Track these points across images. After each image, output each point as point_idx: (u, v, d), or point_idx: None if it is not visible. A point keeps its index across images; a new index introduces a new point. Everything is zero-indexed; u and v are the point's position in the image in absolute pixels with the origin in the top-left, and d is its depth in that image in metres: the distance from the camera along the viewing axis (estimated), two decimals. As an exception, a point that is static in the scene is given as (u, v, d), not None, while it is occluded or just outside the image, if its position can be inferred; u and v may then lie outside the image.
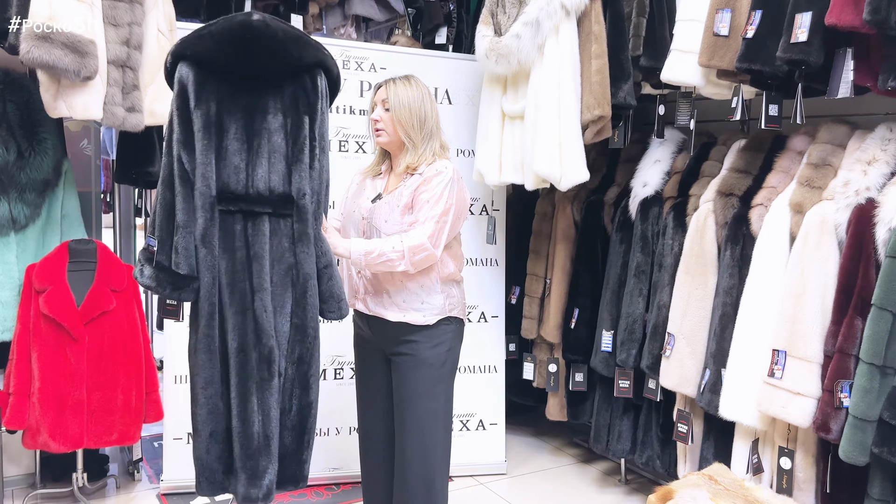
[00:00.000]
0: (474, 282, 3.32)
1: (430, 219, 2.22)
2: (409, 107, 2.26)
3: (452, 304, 2.36)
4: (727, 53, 2.55)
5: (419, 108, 2.27)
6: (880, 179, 2.29)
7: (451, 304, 2.36)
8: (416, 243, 2.19)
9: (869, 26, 2.11)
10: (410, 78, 2.34)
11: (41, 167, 2.82)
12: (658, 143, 3.11)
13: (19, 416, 2.73)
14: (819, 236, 2.33)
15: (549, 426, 3.87)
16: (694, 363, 2.70)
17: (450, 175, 2.26)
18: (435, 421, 2.33)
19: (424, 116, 2.28)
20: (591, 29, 2.81)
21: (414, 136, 2.27)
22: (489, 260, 3.44)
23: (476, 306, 3.40)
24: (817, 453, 2.39)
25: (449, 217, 2.25)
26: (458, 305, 2.40)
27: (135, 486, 3.20)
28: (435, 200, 2.23)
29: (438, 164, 2.28)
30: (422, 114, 2.27)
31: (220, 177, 2.05)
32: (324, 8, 3.58)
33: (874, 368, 2.15)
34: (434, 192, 2.24)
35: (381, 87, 2.33)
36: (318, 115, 2.13)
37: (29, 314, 2.77)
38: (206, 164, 2.01)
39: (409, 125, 2.26)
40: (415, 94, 2.28)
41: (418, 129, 2.27)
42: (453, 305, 2.37)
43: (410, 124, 2.26)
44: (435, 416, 2.33)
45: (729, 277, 2.63)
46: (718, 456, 2.68)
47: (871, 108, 2.62)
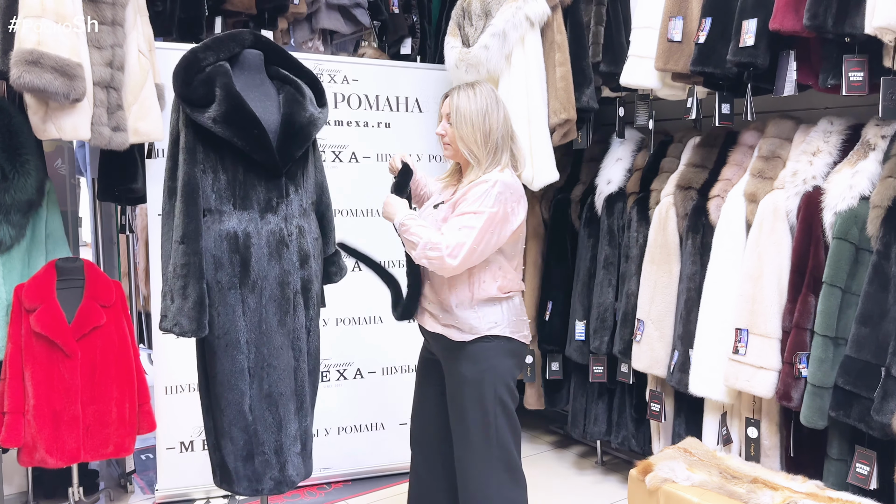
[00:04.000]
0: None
1: (454, 226, 2.08)
2: (472, 121, 2.11)
3: (494, 322, 2.19)
4: (681, 58, 2.76)
5: (482, 123, 2.11)
6: (825, 168, 2.51)
7: (492, 322, 2.19)
8: (435, 241, 2.06)
9: (808, 30, 2.33)
10: (476, 86, 2.17)
11: (25, 188, 2.85)
12: (619, 143, 3.31)
13: (15, 433, 2.76)
14: (773, 222, 2.54)
15: (526, 416, 4.01)
16: (663, 346, 2.90)
17: (492, 184, 2.08)
18: (481, 442, 2.20)
19: (489, 131, 2.12)
20: (554, 38, 2.99)
21: (478, 152, 2.12)
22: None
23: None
24: (781, 421, 2.60)
25: (476, 226, 2.05)
26: (504, 323, 2.20)
27: (128, 498, 3.25)
28: (467, 207, 2.08)
29: (490, 174, 2.11)
30: (486, 128, 2.11)
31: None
32: (292, 23, 3.68)
33: (828, 340, 2.37)
34: (469, 198, 2.09)
35: (447, 96, 2.20)
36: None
37: (20, 333, 2.80)
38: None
39: (471, 141, 2.12)
40: (478, 106, 2.12)
41: (482, 144, 2.12)
42: (495, 323, 2.19)
43: (473, 140, 2.12)
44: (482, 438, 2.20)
45: (691, 264, 2.83)
46: (690, 431, 2.88)
47: (813, 104, 2.84)
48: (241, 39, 2.27)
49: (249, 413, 2.22)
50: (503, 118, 2.16)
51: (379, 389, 3.39)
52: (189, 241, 2.13)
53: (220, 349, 2.20)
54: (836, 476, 2.40)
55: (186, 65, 2.15)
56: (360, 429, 3.38)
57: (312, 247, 2.33)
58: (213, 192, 2.18)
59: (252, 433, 2.22)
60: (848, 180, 2.39)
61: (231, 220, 2.19)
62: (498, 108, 2.16)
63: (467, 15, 3.13)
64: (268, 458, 2.24)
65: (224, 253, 2.17)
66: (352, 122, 3.32)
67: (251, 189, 2.20)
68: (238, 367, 2.20)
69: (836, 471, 2.41)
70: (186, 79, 2.14)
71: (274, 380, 2.23)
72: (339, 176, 3.26)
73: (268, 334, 2.22)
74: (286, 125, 2.22)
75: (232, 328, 2.19)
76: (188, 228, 2.13)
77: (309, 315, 2.32)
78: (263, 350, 2.21)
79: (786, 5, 2.38)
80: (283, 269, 2.23)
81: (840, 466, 2.40)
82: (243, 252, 2.18)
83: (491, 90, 2.18)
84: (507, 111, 2.20)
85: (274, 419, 2.24)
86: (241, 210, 2.20)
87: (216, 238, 2.18)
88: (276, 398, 2.23)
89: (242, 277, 2.19)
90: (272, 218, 2.22)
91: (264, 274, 2.20)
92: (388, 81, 3.37)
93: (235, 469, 2.24)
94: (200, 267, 2.14)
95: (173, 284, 2.15)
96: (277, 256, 2.21)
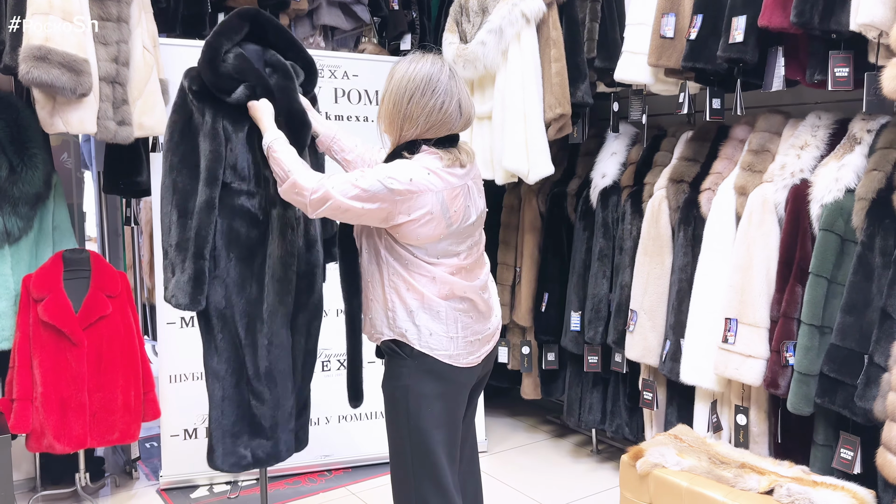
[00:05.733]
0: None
1: (346, 178, 1.82)
2: (394, 98, 1.88)
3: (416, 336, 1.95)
4: (673, 54, 2.82)
5: (405, 104, 1.85)
6: (812, 162, 2.57)
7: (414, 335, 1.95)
8: (304, 181, 1.88)
9: (796, 27, 2.39)
10: (423, 60, 1.87)
11: (33, 181, 2.93)
12: (614, 137, 3.37)
13: (24, 420, 2.84)
14: (762, 215, 2.60)
15: (524, 406, 4.11)
16: (655, 336, 2.96)
17: (407, 178, 1.80)
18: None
19: (407, 116, 1.86)
20: (550, 34, 3.05)
21: (390, 134, 1.94)
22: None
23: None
24: (769, 409, 2.67)
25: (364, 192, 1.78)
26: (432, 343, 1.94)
27: (133, 484, 3.33)
28: (376, 171, 1.82)
29: (416, 161, 1.86)
30: (406, 112, 1.86)
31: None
32: (293, 19, 3.75)
33: (814, 329, 2.43)
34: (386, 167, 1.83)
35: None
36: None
37: (28, 322, 2.88)
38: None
39: (385, 119, 1.92)
40: (409, 83, 1.84)
41: (395, 127, 1.90)
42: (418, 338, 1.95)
43: (389, 120, 1.90)
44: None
45: (683, 256, 2.89)
46: (681, 418, 2.94)
47: (801, 99, 2.91)
48: (247, 16, 2.28)
49: (247, 387, 2.28)
50: (430, 106, 1.79)
51: (378, 379, 3.43)
52: (197, 217, 2.17)
53: (222, 323, 2.26)
54: (821, 461, 2.46)
55: (211, 56, 2.18)
56: (360, 417, 3.45)
57: (316, 232, 2.41)
58: (233, 169, 2.22)
59: (246, 407, 2.28)
60: (834, 173, 2.44)
61: (248, 198, 2.24)
62: (431, 94, 1.79)
63: (465, 11, 3.19)
64: (261, 431, 2.30)
65: (236, 229, 2.23)
66: (352, 116, 3.39)
67: (268, 170, 2.24)
68: (237, 343, 2.27)
69: (822, 456, 2.47)
70: (213, 67, 2.17)
71: (274, 357, 2.30)
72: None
73: (270, 312, 2.28)
74: (287, 115, 2.25)
75: (234, 303, 2.25)
76: (199, 205, 2.17)
77: (312, 298, 2.40)
78: (264, 328, 2.28)
79: (774, 2, 2.44)
80: (287, 251, 2.28)
81: (826, 452, 2.46)
82: (253, 230, 2.24)
83: (436, 70, 1.81)
84: (449, 100, 1.80)
85: (272, 395, 2.30)
86: (259, 188, 2.25)
87: (230, 213, 2.22)
88: (276, 375, 2.30)
89: (249, 255, 2.25)
90: (280, 200, 2.25)
91: (269, 252, 2.26)
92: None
93: (223, 442, 2.29)
94: (202, 245, 2.18)
95: (174, 258, 2.21)
96: (283, 238, 2.27)
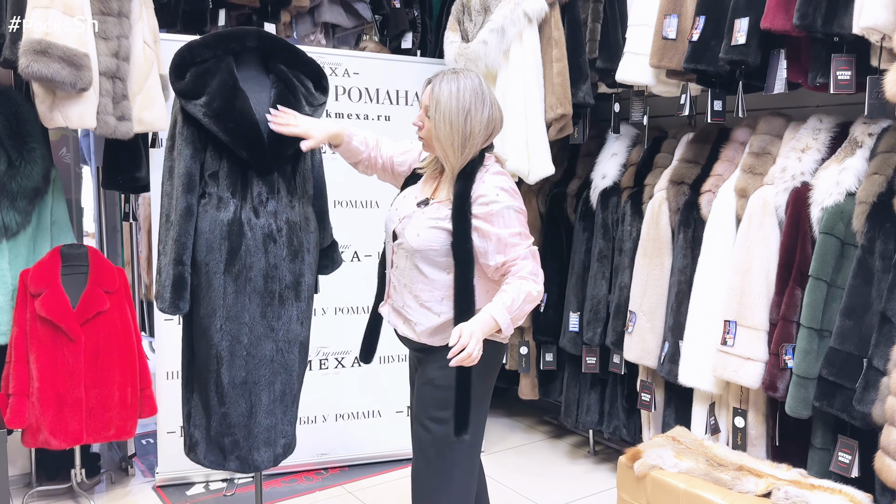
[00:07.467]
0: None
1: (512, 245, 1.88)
2: (451, 121, 1.87)
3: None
4: (675, 55, 2.82)
5: (462, 124, 1.87)
6: (813, 165, 2.57)
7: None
8: (526, 288, 1.87)
9: (798, 30, 2.39)
10: (461, 77, 1.90)
11: (31, 176, 2.92)
12: (614, 138, 3.37)
13: (20, 415, 2.83)
14: (762, 217, 2.60)
15: (521, 407, 4.11)
16: (654, 337, 2.96)
17: (504, 204, 1.88)
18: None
19: (469, 134, 1.88)
20: (552, 34, 3.04)
21: (452, 157, 1.90)
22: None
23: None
24: (767, 412, 2.67)
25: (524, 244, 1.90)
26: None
27: (129, 481, 3.32)
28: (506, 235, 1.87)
29: (489, 184, 1.89)
30: (466, 131, 1.87)
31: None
32: (294, 16, 3.74)
33: (813, 332, 2.43)
34: (497, 224, 1.87)
35: (430, 83, 1.94)
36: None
37: (25, 317, 2.87)
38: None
39: (447, 144, 1.89)
40: (460, 103, 1.87)
41: (458, 148, 1.89)
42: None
43: (450, 143, 1.89)
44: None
45: (683, 258, 2.89)
46: (679, 420, 2.94)
47: (802, 102, 2.90)
48: (244, 38, 2.28)
49: (222, 397, 2.26)
50: (486, 118, 1.90)
51: (376, 377, 3.45)
52: (177, 224, 2.20)
53: (201, 330, 2.26)
54: (819, 464, 2.46)
55: (180, 59, 2.23)
56: (357, 416, 3.45)
57: (307, 240, 2.36)
58: (213, 178, 2.23)
59: (222, 416, 2.27)
60: (835, 177, 2.44)
61: (229, 208, 2.23)
62: (483, 106, 1.89)
63: (467, 10, 3.19)
64: (236, 439, 2.28)
65: (216, 239, 2.22)
66: (352, 114, 3.38)
67: (249, 181, 2.25)
68: (215, 352, 2.25)
69: (820, 459, 2.47)
70: (179, 72, 2.22)
71: (251, 368, 2.27)
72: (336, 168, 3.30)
73: (249, 324, 2.26)
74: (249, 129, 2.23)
75: (213, 312, 2.24)
76: (179, 213, 2.20)
77: (300, 307, 2.36)
78: (243, 338, 2.26)
79: (777, 5, 2.44)
80: (269, 262, 2.26)
81: (823, 455, 2.46)
82: (234, 241, 2.23)
83: (478, 83, 1.91)
84: (494, 105, 1.93)
85: (247, 405, 2.28)
86: (240, 200, 2.25)
87: (211, 223, 2.22)
88: (251, 386, 2.27)
89: (228, 265, 2.23)
90: (263, 212, 2.26)
91: (250, 264, 2.24)
92: (388, 75, 3.43)
93: (205, 443, 2.30)
94: (181, 251, 2.20)
95: (160, 262, 2.28)
96: (264, 250, 2.25)
